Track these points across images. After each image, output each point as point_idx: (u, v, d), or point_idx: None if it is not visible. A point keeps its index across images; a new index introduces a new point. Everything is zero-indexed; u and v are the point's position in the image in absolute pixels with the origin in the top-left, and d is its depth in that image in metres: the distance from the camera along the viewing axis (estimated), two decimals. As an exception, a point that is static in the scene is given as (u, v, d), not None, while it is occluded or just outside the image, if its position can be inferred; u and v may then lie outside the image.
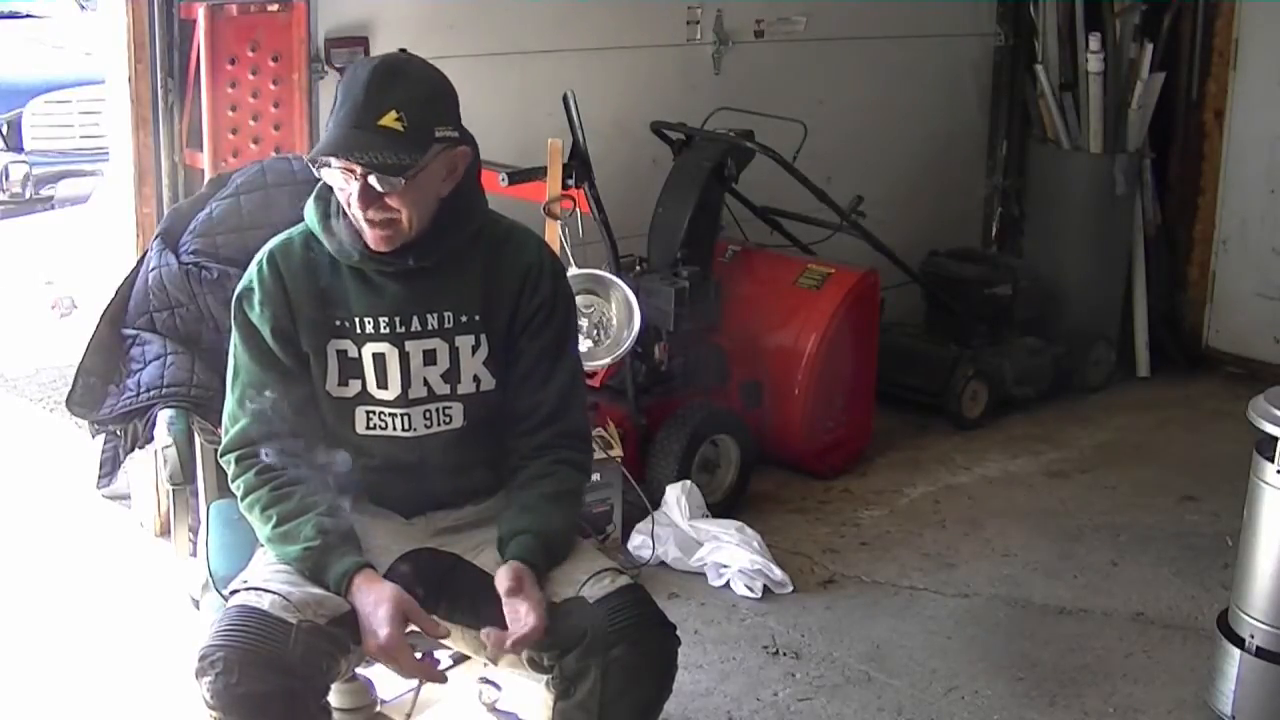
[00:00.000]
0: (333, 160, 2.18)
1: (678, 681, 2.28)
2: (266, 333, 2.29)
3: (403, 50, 2.42)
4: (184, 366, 3.40)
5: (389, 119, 2.14)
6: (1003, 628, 3.58)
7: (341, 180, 2.20)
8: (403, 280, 2.28)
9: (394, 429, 2.31)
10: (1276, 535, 2.93)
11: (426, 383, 2.30)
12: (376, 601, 2.16)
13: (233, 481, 2.31)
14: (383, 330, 2.29)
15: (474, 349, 2.31)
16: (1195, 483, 4.47)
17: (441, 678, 2.29)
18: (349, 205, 2.22)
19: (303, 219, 2.33)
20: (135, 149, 3.83)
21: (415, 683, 2.31)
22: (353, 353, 2.30)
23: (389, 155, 2.14)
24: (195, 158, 3.81)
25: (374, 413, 2.31)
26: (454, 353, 2.31)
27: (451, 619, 2.30)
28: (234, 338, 2.33)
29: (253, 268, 2.32)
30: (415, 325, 2.29)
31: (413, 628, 2.20)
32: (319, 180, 2.28)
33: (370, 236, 2.23)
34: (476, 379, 2.32)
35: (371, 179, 2.16)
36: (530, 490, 2.30)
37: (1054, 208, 5.43)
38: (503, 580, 2.18)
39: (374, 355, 2.29)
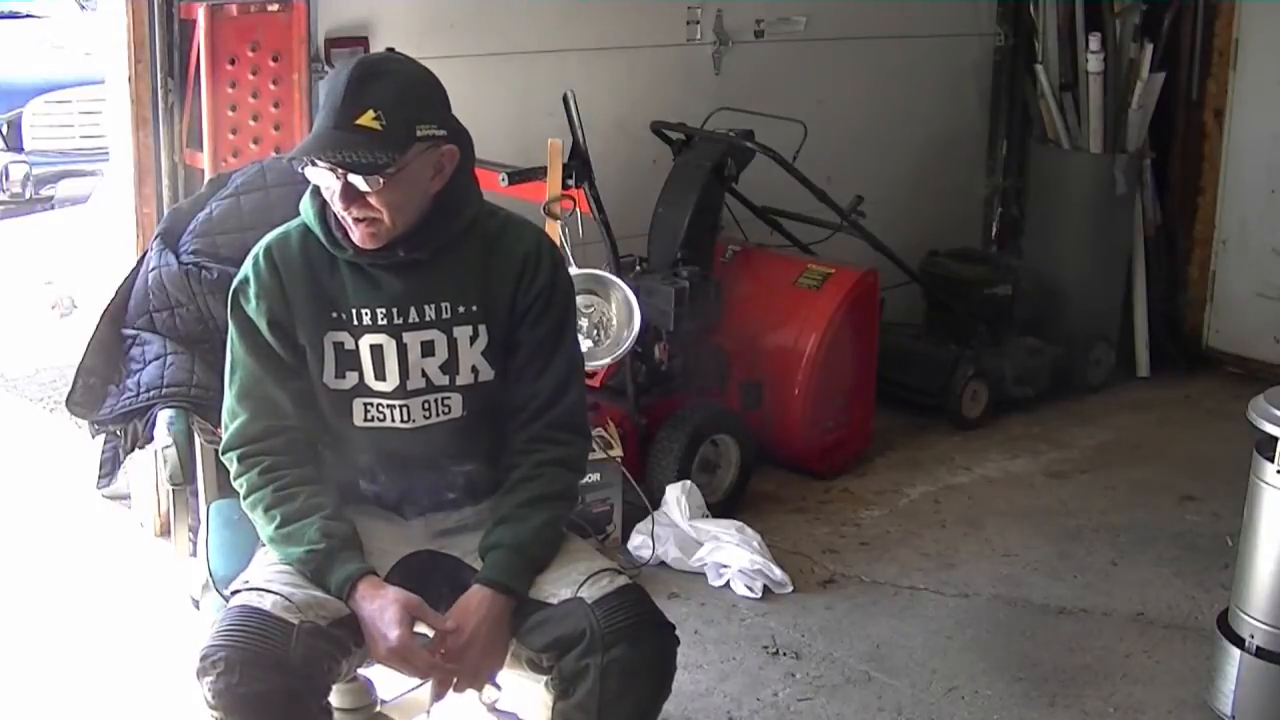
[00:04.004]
0: (314, 158, 2.18)
1: (678, 681, 2.28)
2: (263, 326, 2.29)
3: (390, 49, 2.40)
4: (184, 367, 3.40)
5: (366, 118, 2.14)
6: (1003, 628, 3.58)
7: (325, 179, 2.21)
8: (399, 272, 2.28)
9: (392, 420, 2.31)
10: (1276, 535, 2.93)
11: (425, 374, 2.30)
12: (382, 606, 2.16)
13: (235, 480, 2.31)
14: (380, 322, 2.29)
15: (472, 339, 2.31)
16: (1195, 483, 4.47)
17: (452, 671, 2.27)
18: (334, 203, 2.22)
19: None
20: (135, 149, 3.83)
21: (421, 682, 2.31)
22: (349, 345, 2.29)
23: (365, 155, 2.14)
24: (195, 158, 3.82)
25: (372, 404, 2.31)
26: (452, 344, 2.30)
27: (450, 620, 2.30)
28: (230, 333, 2.33)
29: (249, 262, 2.32)
30: (413, 316, 2.29)
31: (418, 629, 2.21)
32: None
33: (355, 234, 2.24)
34: (475, 370, 2.32)
35: (352, 178, 2.17)
36: (511, 497, 2.30)
37: (1054, 208, 5.42)
38: (450, 618, 2.20)
39: (371, 347, 2.29)
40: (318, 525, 2.22)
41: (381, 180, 2.16)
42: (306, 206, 2.31)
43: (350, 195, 2.19)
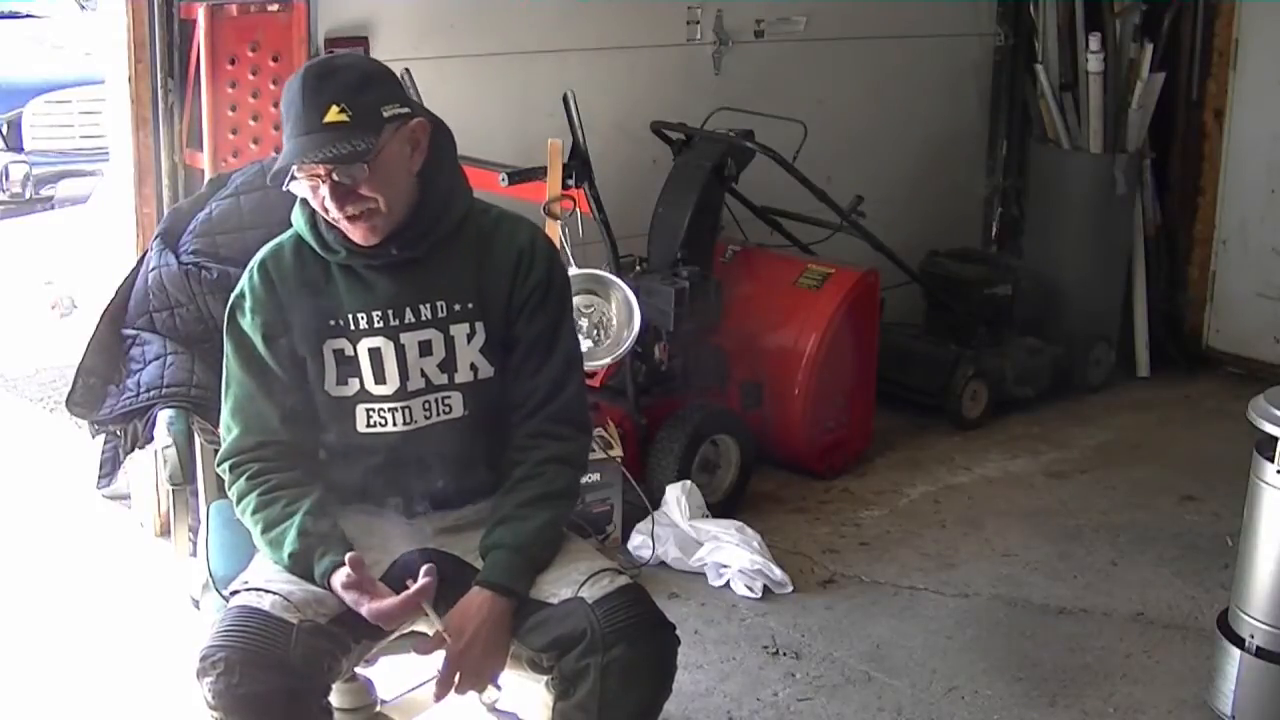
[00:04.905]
0: (295, 170, 2.19)
1: (678, 681, 2.28)
2: (258, 340, 2.30)
3: (330, 51, 2.40)
4: (184, 367, 3.40)
5: (332, 114, 2.16)
6: (1003, 628, 3.58)
7: (310, 189, 2.21)
8: (393, 273, 2.29)
9: (394, 424, 2.31)
10: (1276, 535, 2.93)
11: (424, 374, 2.31)
12: (358, 595, 2.17)
13: (228, 489, 2.33)
14: (376, 325, 2.29)
15: (469, 337, 2.31)
16: (1195, 483, 4.47)
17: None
18: (326, 211, 2.22)
19: (301, 220, 2.34)
20: (135, 149, 3.83)
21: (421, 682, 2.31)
22: (349, 350, 2.30)
23: (344, 145, 2.15)
24: (195, 158, 3.82)
25: (374, 410, 2.31)
26: (449, 342, 2.31)
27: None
28: (226, 348, 2.34)
29: (244, 277, 2.34)
30: (409, 317, 2.30)
31: (418, 627, 2.22)
32: None
33: (355, 233, 2.24)
34: (474, 367, 2.32)
35: (336, 175, 2.17)
36: (512, 496, 2.30)
37: (1054, 208, 5.42)
38: (447, 623, 2.19)
39: (370, 350, 2.29)
40: (296, 524, 2.23)
41: (367, 168, 2.17)
42: (298, 215, 2.32)
43: (341, 194, 2.19)
